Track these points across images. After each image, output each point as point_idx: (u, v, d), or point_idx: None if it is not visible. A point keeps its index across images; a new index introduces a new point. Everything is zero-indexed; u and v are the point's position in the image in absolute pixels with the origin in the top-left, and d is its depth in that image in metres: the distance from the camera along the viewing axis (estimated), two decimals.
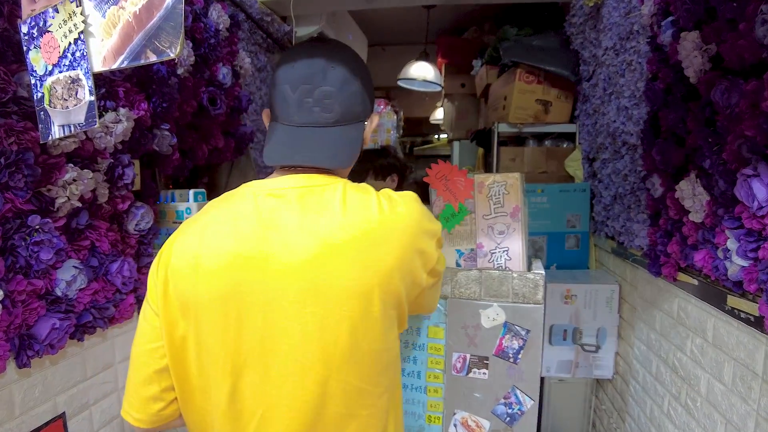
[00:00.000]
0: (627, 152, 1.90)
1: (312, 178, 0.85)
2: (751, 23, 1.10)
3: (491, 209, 1.30)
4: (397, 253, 0.80)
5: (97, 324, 1.34)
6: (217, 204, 0.87)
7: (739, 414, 1.32)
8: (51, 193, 1.19)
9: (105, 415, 1.43)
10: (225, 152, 1.87)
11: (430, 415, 1.38)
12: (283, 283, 0.77)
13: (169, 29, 0.87)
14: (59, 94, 1.00)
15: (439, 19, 3.48)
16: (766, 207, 1.11)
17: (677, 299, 1.64)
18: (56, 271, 1.21)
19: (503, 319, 1.27)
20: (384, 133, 3.61)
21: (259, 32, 2.25)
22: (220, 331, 0.78)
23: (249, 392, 0.79)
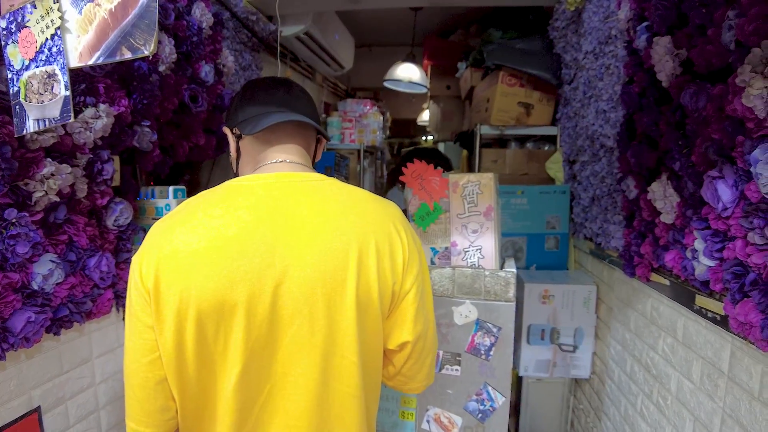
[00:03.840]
0: (604, 155, 1.93)
1: (300, 173, 0.93)
2: (719, 29, 1.14)
3: (465, 208, 1.33)
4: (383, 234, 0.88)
5: (74, 318, 1.34)
6: (203, 200, 0.88)
7: (706, 411, 1.35)
8: (28, 187, 1.20)
9: (81, 409, 1.43)
10: (206, 150, 1.88)
11: (404, 411, 1.40)
12: (292, 267, 0.81)
13: (143, 27, 0.89)
14: (35, 89, 1.01)
15: (426, 22, 3.51)
16: (730, 208, 1.15)
17: (650, 299, 1.68)
18: (33, 264, 1.22)
19: (475, 316, 1.30)
20: (370, 133, 3.62)
21: (244, 31, 2.26)
22: (228, 321, 0.80)
23: (256, 373, 0.83)
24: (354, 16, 3.41)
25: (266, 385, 0.84)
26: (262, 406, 0.84)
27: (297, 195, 0.87)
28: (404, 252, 0.90)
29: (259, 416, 0.85)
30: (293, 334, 0.82)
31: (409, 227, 0.96)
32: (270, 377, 0.83)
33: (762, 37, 0.99)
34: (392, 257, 0.88)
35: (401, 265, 0.89)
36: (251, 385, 0.83)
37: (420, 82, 3.35)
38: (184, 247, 0.80)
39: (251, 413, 0.84)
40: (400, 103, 5.81)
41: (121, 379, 1.15)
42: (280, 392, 0.84)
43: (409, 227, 0.96)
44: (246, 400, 0.83)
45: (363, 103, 3.67)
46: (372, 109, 3.64)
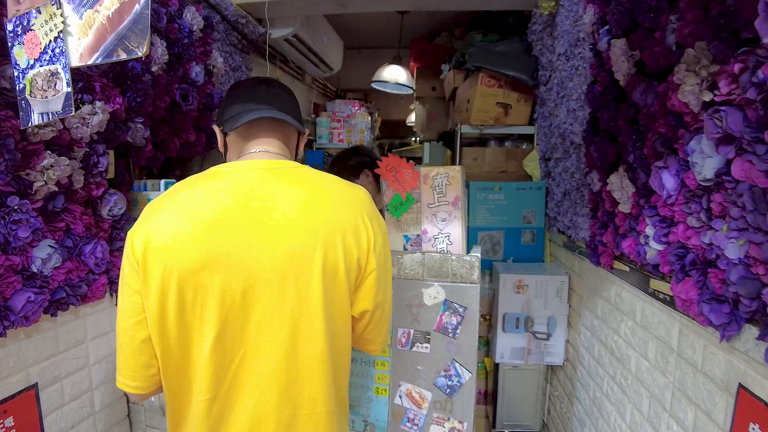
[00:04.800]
0: (574, 151, 2.05)
1: (276, 161, 1.03)
2: (664, 32, 1.25)
3: (435, 198, 1.43)
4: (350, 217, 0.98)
5: (70, 301, 1.44)
6: (189, 184, 1.00)
7: (660, 387, 1.46)
8: (29, 177, 1.30)
9: (76, 388, 1.53)
10: (196, 146, 1.99)
11: (378, 387, 1.50)
12: (264, 243, 0.92)
13: (137, 31, 1.00)
14: (39, 86, 1.11)
15: (413, 25, 3.63)
16: (674, 195, 1.26)
17: (614, 286, 1.79)
18: (33, 249, 1.32)
19: (443, 297, 1.41)
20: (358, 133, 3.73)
21: (234, 33, 2.36)
22: (206, 289, 0.90)
23: (231, 339, 0.93)
24: (342, 19, 3.52)
25: (240, 350, 0.94)
26: (236, 369, 0.94)
27: (271, 179, 0.98)
28: (369, 233, 1.01)
29: (234, 377, 0.94)
30: (264, 304, 0.93)
31: (375, 211, 1.07)
32: (244, 343, 0.93)
33: (696, 39, 1.10)
34: (357, 236, 0.99)
35: (366, 243, 1.00)
36: (226, 349, 0.93)
37: (406, 84, 3.46)
38: (170, 224, 0.92)
39: (227, 374, 0.94)
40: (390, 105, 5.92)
41: (114, 362, 1.25)
42: (253, 356, 0.94)
43: (375, 211, 1.07)
44: (222, 363, 0.93)
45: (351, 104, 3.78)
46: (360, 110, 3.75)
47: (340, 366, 1.04)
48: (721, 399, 1.16)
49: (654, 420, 1.48)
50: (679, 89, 1.12)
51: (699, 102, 1.09)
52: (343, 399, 1.09)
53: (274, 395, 0.95)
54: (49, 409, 1.42)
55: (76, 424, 1.52)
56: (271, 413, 0.96)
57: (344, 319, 1.02)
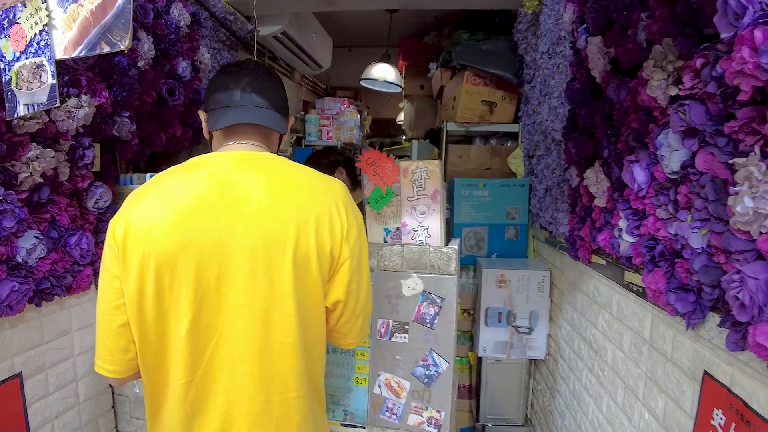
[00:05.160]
0: (555, 148, 2.09)
1: (254, 152, 1.06)
2: (636, 29, 1.29)
3: (414, 192, 1.47)
4: (324, 207, 1.01)
5: (55, 292, 1.46)
6: (170, 173, 1.03)
7: (633, 377, 1.50)
8: (15, 168, 1.32)
9: (60, 378, 1.54)
10: (183, 141, 2.01)
11: (358, 377, 1.53)
12: (237, 230, 0.95)
13: (120, 25, 1.02)
14: (25, 78, 1.14)
15: (403, 24, 3.66)
16: (645, 188, 1.30)
17: (592, 280, 1.83)
18: (18, 239, 1.34)
19: (421, 288, 1.44)
20: (347, 131, 3.76)
21: (222, 30, 2.38)
22: (182, 274, 0.93)
23: (206, 324, 0.95)
24: (332, 17, 3.54)
25: (215, 334, 0.96)
26: (212, 353, 0.97)
27: (248, 170, 1.01)
28: (342, 224, 1.03)
29: (209, 362, 0.97)
30: (238, 289, 0.95)
31: (351, 204, 1.10)
32: (218, 327, 0.96)
33: (664, 36, 1.14)
34: (331, 227, 1.01)
35: (339, 234, 1.03)
36: (201, 333, 0.96)
37: (395, 82, 3.50)
38: (150, 212, 0.95)
39: (202, 358, 0.97)
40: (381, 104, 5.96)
41: None
42: (228, 341, 0.97)
43: (350, 204, 1.09)
44: (197, 347, 0.96)
45: (340, 102, 3.80)
46: (349, 108, 3.78)
47: (313, 353, 1.07)
48: (689, 387, 1.20)
49: (628, 410, 1.52)
50: (648, 84, 1.16)
51: (666, 97, 1.13)
52: (317, 386, 1.12)
53: (247, 380, 0.98)
54: (34, 398, 1.44)
55: (60, 414, 1.54)
56: (244, 398, 0.98)
57: (316, 307, 1.05)
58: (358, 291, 1.10)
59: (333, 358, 1.56)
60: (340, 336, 1.15)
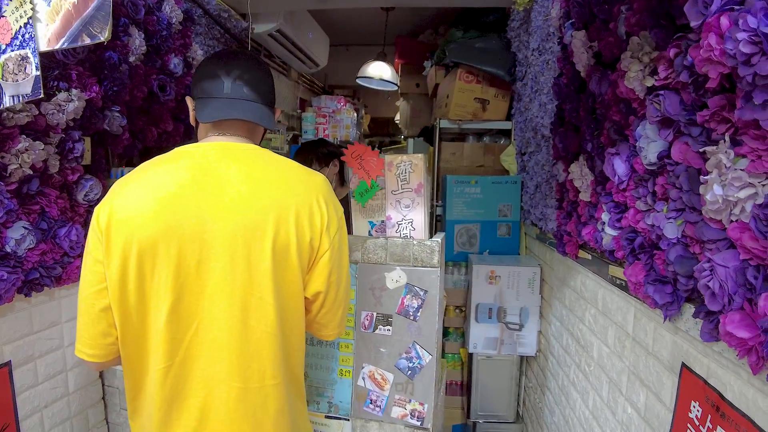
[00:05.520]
0: (544, 144, 2.10)
1: (237, 143, 1.08)
2: (616, 22, 1.30)
3: (399, 185, 1.48)
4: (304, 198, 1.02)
5: (44, 282, 1.47)
6: (154, 162, 1.04)
7: (617, 371, 1.51)
8: (4, 160, 1.33)
9: (50, 368, 1.56)
10: (174, 136, 2.03)
11: (342, 369, 1.54)
12: (217, 218, 0.96)
13: (100, 17, 1.04)
14: (11, 69, 1.16)
15: (398, 22, 3.68)
16: (625, 181, 1.31)
17: (580, 275, 1.83)
18: (7, 230, 1.35)
19: (405, 281, 1.45)
20: (343, 129, 3.78)
21: (217, 28, 2.40)
22: (163, 260, 0.95)
23: (185, 310, 0.97)
24: (328, 15, 3.56)
25: (195, 320, 0.98)
26: (191, 338, 0.98)
27: (230, 160, 1.02)
28: (323, 215, 1.05)
29: (188, 347, 0.98)
30: (217, 276, 0.97)
31: (332, 196, 1.11)
32: (198, 313, 0.98)
33: (642, 28, 1.15)
34: (311, 217, 1.03)
35: (319, 225, 1.04)
36: (181, 318, 0.97)
37: (390, 80, 3.51)
38: (133, 199, 0.97)
39: (182, 344, 0.98)
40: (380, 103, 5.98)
41: None
42: (207, 327, 0.98)
43: (331, 196, 1.11)
44: (177, 332, 0.97)
45: (337, 100, 3.82)
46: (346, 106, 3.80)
47: (291, 342, 1.08)
48: (668, 379, 1.21)
49: (612, 404, 1.53)
50: (625, 76, 1.17)
51: (643, 88, 1.13)
52: (295, 377, 1.13)
53: (225, 366, 0.99)
54: (23, 387, 1.46)
55: (50, 403, 1.56)
56: (222, 384, 0.99)
57: (295, 297, 1.06)
58: (338, 282, 1.11)
59: (317, 350, 1.57)
60: (321, 327, 1.16)
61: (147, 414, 1.02)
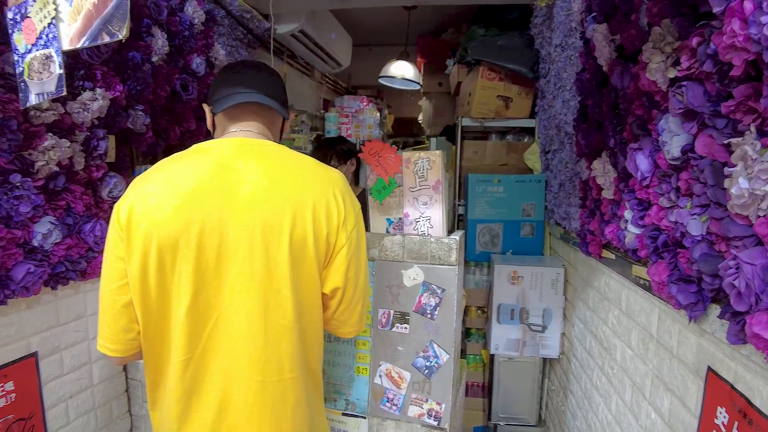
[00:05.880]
0: (568, 141, 2.05)
1: (255, 139, 1.09)
2: (638, 14, 1.26)
3: (417, 182, 1.46)
4: (321, 193, 1.03)
5: (70, 276, 1.52)
6: (174, 159, 1.06)
7: (641, 374, 1.46)
8: (32, 157, 1.38)
9: (75, 360, 1.61)
10: (197, 134, 2.06)
11: (359, 366, 1.54)
12: (237, 212, 0.98)
13: (119, 16, 1.06)
14: (36, 68, 1.19)
15: (420, 22, 3.66)
16: (648, 177, 1.26)
17: (603, 275, 1.78)
18: (34, 224, 1.40)
19: (422, 278, 1.43)
20: (366, 129, 3.78)
21: (239, 28, 2.43)
22: (183, 254, 0.96)
23: (205, 303, 0.98)
24: (351, 16, 3.57)
25: (214, 313, 0.99)
26: (210, 332, 0.99)
27: (248, 155, 1.03)
28: (339, 210, 1.05)
29: (208, 340, 1.00)
30: (236, 270, 0.98)
31: (350, 192, 1.12)
32: (217, 306, 0.99)
33: (663, 17, 1.11)
34: (328, 212, 1.03)
35: (336, 220, 1.04)
36: (200, 312, 0.98)
37: (413, 79, 3.50)
38: (153, 194, 0.98)
39: (201, 337, 0.99)
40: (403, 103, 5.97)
41: None
42: (226, 320, 0.99)
43: (349, 192, 1.11)
44: (196, 325, 0.99)
45: (360, 100, 3.83)
46: (368, 106, 3.80)
47: (309, 336, 1.08)
48: (693, 384, 1.16)
49: (635, 409, 1.48)
50: (647, 67, 1.13)
51: (666, 80, 1.09)
52: (313, 372, 1.13)
53: (243, 359, 1.00)
54: (49, 377, 1.50)
55: (75, 394, 1.60)
56: (241, 377, 1.00)
57: (313, 291, 1.06)
58: (356, 278, 1.11)
59: (334, 347, 1.57)
60: (340, 324, 1.16)
61: (166, 406, 1.04)
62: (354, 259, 1.09)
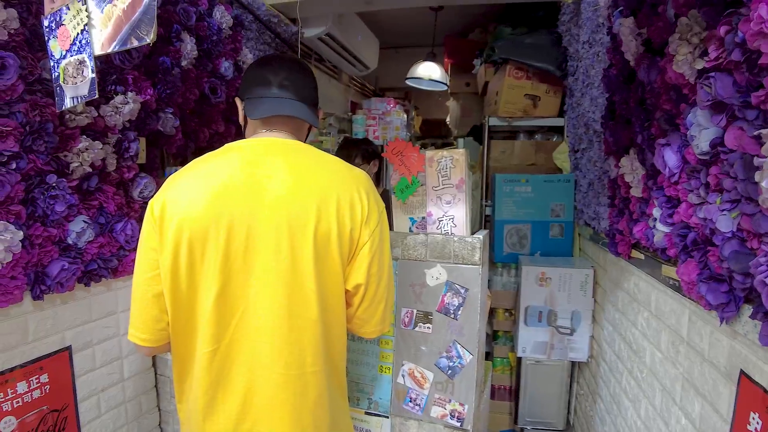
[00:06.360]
0: (596, 140, 2.00)
1: (283, 139, 1.12)
2: (665, 5, 1.22)
3: (440, 181, 1.45)
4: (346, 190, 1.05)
5: (102, 273, 1.57)
6: (205, 158, 1.10)
7: (671, 378, 1.41)
8: (67, 158, 1.44)
9: (106, 355, 1.66)
10: (225, 136, 2.11)
11: (382, 366, 1.54)
12: (265, 207, 1.00)
13: (146, 20, 1.10)
14: (70, 73, 1.24)
15: (447, 22, 3.64)
16: (677, 173, 1.22)
17: (633, 276, 1.73)
18: (69, 223, 1.46)
19: (445, 278, 1.42)
20: (393, 130, 3.78)
21: (267, 32, 2.48)
22: (213, 247, 0.99)
23: (232, 295, 1.01)
24: (377, 18, 3.59)
25: (241, 305, 1.02)
26: (237, 323, 1.02)
27: (277, 154, 1.07)
28: (363, 207, 1.06)
29: (235, 331, 1.02)
30: (263, 263, 1.00)
31: (373, 190, 1.13)
32: (244, 298, 1.01)
33: (690, 7, 1.07)
34: (352, 209, 1.05)
35: (359, 217, 1.06)
36: (228, 303, 1.01)
37: (440, 80, 3.49)
38: (186, 190, 1.02)
39: (228, 328, 1.02)
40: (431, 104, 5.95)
41: None
42: (253, 312, 1.01)
43: (373, 190, 1.12)
44: (223, 316, 1.01)
45: (387, 101, 3.84)
46: (395, 107, 3.81)
47: (333, 331, 1.09)
48: (725, 388, 1.11)
49: (665, 414, 1.43)
50: (674, 60, 1.10)
51: (693, 72, 1.06)
52: (336, 367, 1.14)
53: (267, 351, 1.02)
54: (82, 371, 1.56)
55: (106, 387, 1.66)
56: (264, 369, 1.02)
57: (336, 285, 1.07)
58: (379, 276, 1.11)
59: (357, 346, 1.57)
60: (363, 323, 1.16)
61: (193, 397, 1.06)
62: (377, 256, 1.09)
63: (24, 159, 1.31)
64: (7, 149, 1.27)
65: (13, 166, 1.28)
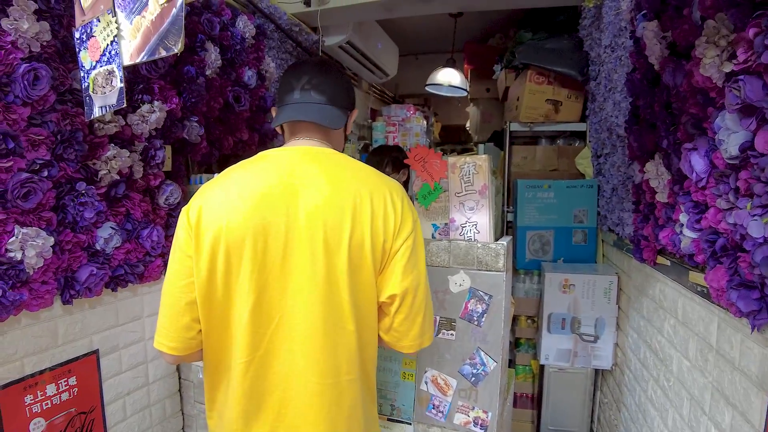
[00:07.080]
0: (620, 145, 1.98)
1: (317, 147, 1.11)
2: (690, 8, 1.20)
3: (462, 187, 1.45)
4: (380, 200, 1.04)
5: (129, 279, 1.61)
6: (239, 166, 1.10)
7: (699, 388, 1.38)
8: (95, 166, 1.48)
9: (132, 359, 1.70)
10: (250, 145, 2.14)
11: (405, 372, 1.53)
12: (301, 217, 1.00)
13: (174, 31, 1.12)
14: (100, 83, 1.28)
15: (467, 28, 3.64)
16: (704, 178, 1.20)
17: (658, 283, 1.70)
18: (97, 229, 1.50)
19: (469, 284, 1.41)
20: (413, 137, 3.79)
21: (289, 41, 2.51)
22: (250, 256, 0.99)
23: (268, 304, 1.01)
24: (396, 24, 3.61)
25: (277, 315, 1.01)
26: (273, 333, 1.01)
27: (310, 162, 1.06)
28: (396, 216, 1.05)
29: (270, 340, 1.02)
30: (299, 273, 1.00)
31: (405, 198, 1.11)
32: (280, 308, 1.01)
33: (717, 10, 1.05)
34: (385, 218, 1.04)
35: (392, 226, 1.05)
36: (264, 312, 1.01)
37: (460, 86, 3.48)
38: (221, 198, 1.02)
39: (264, 338, 1.02)
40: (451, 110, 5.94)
41: None
42: (289, 321, 1.01)
43: (405, 198, 1.11)
44: (259, 326, 1.01)
45: (406, 108, 3.85)
46: (415, 114, 3.81)
47: (365, 339, 1.08)
48: (757, 398, 1.08)
49: (694, 424, 1.40)
50: (701, 63, 1.08)
51: (721, 75, 1.04)
52: (368, 375, 1.13)
53: (303, 361, 1.01)
54: (108, 374, 1.59)
55: (131, 391, 1.69)
56: (300, 378, 1.02)
57: (369, 294, 1.06)
58: (415, 286, 1.08)
59: (381, 352, 1.56)
60: (400, 336, 1.11)
61: (228, 407, 1.06)
62: (410, 265, 1.07)
63: (55, 167, 1.35)
64: (39, 157, 1.31)
65: (44, 174, 1.32)
